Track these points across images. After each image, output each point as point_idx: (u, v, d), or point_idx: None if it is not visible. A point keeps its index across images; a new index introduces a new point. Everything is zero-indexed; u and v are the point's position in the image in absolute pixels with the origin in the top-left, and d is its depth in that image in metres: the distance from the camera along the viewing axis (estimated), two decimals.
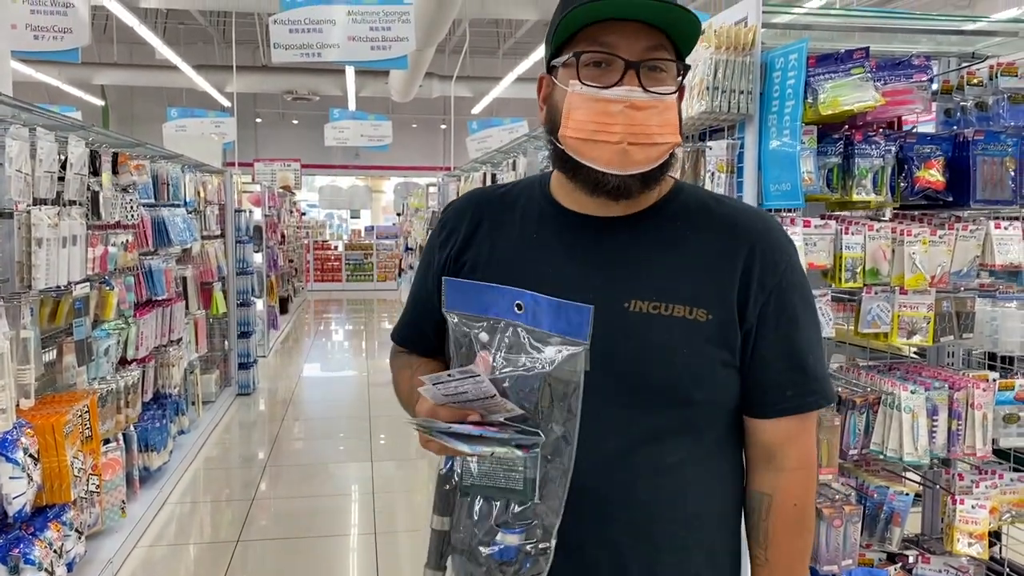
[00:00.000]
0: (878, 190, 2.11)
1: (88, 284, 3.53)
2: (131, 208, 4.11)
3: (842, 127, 2.15)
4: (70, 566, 3.05)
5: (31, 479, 2.73)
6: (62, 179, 3.27)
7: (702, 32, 2.06)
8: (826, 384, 1.18)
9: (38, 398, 3.03)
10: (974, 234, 2.17)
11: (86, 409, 3.24)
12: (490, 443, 0.96)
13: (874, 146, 2.11)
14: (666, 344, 1.09)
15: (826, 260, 2.07)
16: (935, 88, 2.38)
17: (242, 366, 7.03)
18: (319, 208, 19.86)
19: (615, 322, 1.08)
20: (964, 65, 2.42)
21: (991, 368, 2.44)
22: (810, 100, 2.03)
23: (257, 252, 8.14)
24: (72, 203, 3.36)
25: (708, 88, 2.05)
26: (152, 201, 4.75)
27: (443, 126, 18.19)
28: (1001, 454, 2.29)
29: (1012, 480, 2.24)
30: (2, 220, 2.81)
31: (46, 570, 2.77)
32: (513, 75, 12.58)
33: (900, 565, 2.23)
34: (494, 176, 6.31)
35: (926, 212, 2.28)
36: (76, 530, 3.13)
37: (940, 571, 2.24)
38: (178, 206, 5.31)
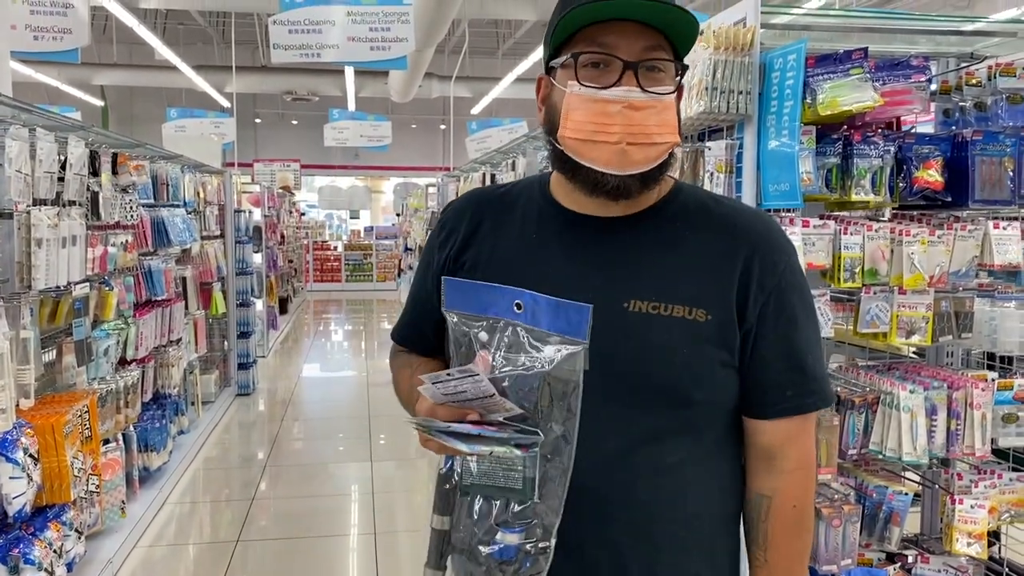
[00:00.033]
0: (877, 190, 2.12)
1: (88, 284, 3.53)
2: (131, 208, 4.11)
3: (841, 127, 2.15)
4: (70, 566, 3.05)
5: (31, 479, 2.73)
6: (62, 179, 3.27)
7: (701, 33, 2.07)
8: (825, 385, 1.18)
9: (38, 398, 3.03)
10: (973, 234, 2.17)
11: (86, 409, 3.24)
12: (488, 442, 0.96)
13: (873, 146, 2.11)
14: (666, 344, 1.09)
15: (825, 260, 2.08)
16: (934, 88, 2.38)
17: (241, 366, 7.03)
18: (318, 208, 19.85)
19: (615, 322, 1.08)
20: (963, 65, 2.42)
21: (990, 368, 2.45)
22: (809, 100, 2.03)
23: (256, 252, 8.14)
24: (72, 203, 3.37)
25: (707, 88, 2.05)
26: (152, 201, 4.75)
27: (442, 126, 18.18)
28: (1000, 454, 2.29)
29: (1011, 480, 2.24)
30: (2, 220, 2.81)
31: (46, 570, 2.77)
32: (512, 75, 12.58)
33: (899, 565, 2.23)
34: (493, 176, 6.31)
35: (925, 212, 2.29)
36: (76, 530, 3.13)
37: (939, 571, 2.25)
38: (178, 206, 5.30)
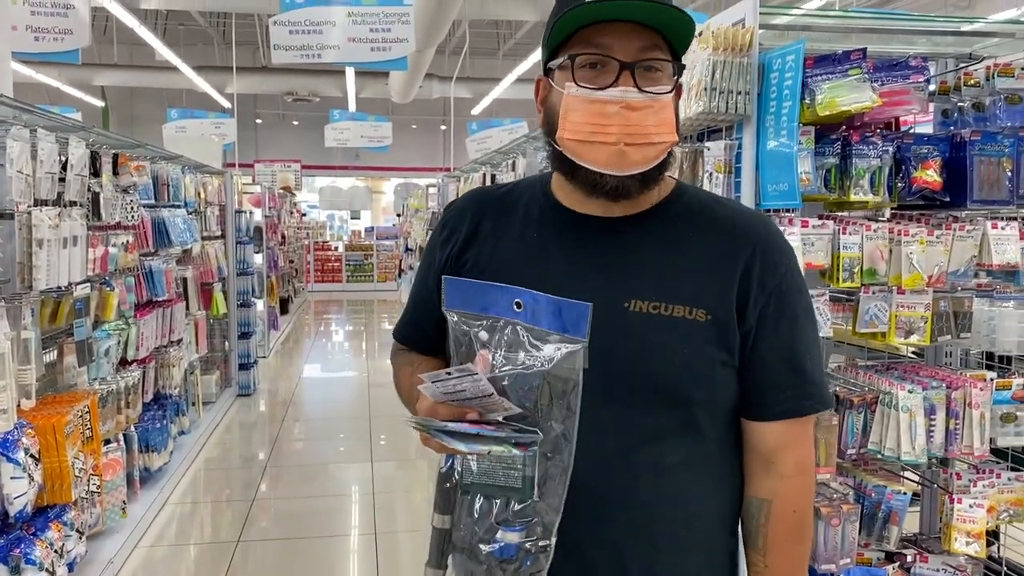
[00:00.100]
0: (875, 190, 2.12)
1: (89, 285, 3.53)
2: (131, 209, 4.11)
3: (839, 128, 2.16)
4: (71, 566, 3.06)
5: (32, 479, 2.74)
6: (63, 180, 3.28)
7: (699, 33, 2.07)
8: (823, 390, 1.18)
9: (39, 398, 3.03)
10: (971, 234, 2.17)
11: (87, 409, 3.24)
12: (487, 441, 0.96)
13: (871, 147, 2.11)
14: (666, 344, 1.09)
15: (824, 260, 2.08)
16: (932, 89, 2.39)
17: (242, 367, 7.03)
18: (319, 209, 19.85)
19: (615, 322, 1.08)
20: (961, 66, 2.43)
21: (988, 367, 2.45)
22: (807, 101, 2.03)
23: (257, 253, 8.14)
24: (73, 204, 3.37)
25: (706, 89, 2.05)
26: (152, 202, 4.75)
27: (443, 127, 18.18)
28: (999, 453, 2.30)
29: (1009, 479, 2.24)
30: (3, 221, 2.81)
31: (47, 570, 2.77)
32: (513, 76, 12.58)
33: (898, 564, 2.23)
34: (494, 177, 6.31)
35: (923, 212, 2.29)
36: (77, 530, 3.13)
37: (938, 570, 2.25)
38: (178, 207, 5.31)
